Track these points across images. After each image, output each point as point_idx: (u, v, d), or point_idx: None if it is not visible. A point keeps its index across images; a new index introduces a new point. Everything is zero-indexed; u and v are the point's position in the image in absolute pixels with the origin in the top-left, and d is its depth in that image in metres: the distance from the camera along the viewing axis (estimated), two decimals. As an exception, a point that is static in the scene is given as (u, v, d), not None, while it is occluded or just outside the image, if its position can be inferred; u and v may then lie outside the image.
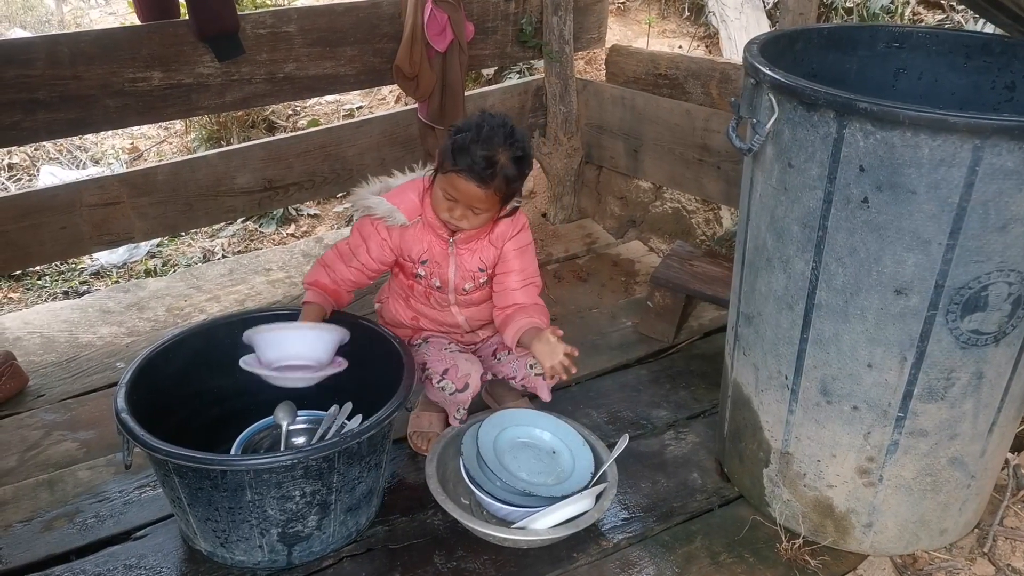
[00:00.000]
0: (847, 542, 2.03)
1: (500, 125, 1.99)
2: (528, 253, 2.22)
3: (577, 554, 2.02)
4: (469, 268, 2.18)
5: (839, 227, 1.71)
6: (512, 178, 2.00)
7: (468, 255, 2.17)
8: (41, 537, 2.05)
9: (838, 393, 1.87)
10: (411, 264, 2.17)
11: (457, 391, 2.13)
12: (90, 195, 2.70)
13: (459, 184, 1.98)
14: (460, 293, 2.22)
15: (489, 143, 1.95)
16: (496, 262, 2.19)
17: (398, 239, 2.14)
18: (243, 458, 1.78)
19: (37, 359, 2.73)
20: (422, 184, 2.14)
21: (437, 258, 2.16)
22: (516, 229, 2.19)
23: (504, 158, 1.96)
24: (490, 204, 2.02)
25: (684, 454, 2.36)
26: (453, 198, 2.01)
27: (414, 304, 2.27)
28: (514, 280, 2.19)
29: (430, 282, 2.20)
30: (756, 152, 1.84)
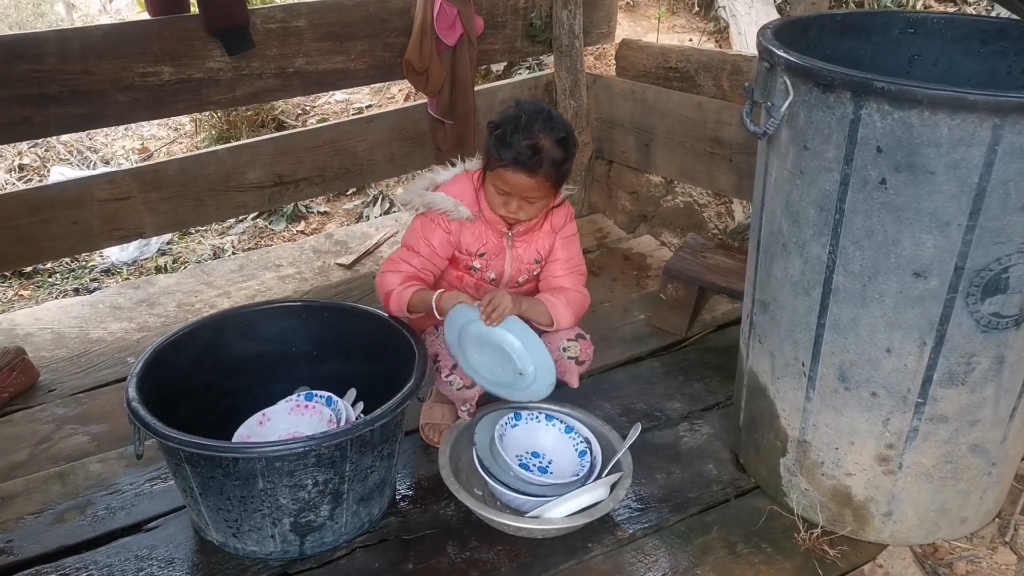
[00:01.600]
0: (866, 532, 2.00)
1: (537, 111, 1.99)
2: (574, 243, 2.23)
3: (592, 544, 2.00)
4: (526, 260, 2.18)
5: (856, 209, 1.69)
6: (559, 161, 1.98)
7: (524, 247, 2.17)
8: (52, 529, 2.03)
9: (856, 379, 1.84)
10: (467, 257, 2.16)
11: (464, 387, 2.12)
12: (101, 190, 2.70)
13: (508, 178, 1.97)
14: (512, 286, 2.22)
15: (529, 130, 1.95)
16: (550, 252, 2.20)
17: (458, 232, 2.13)
18: (255, 445, 1.77)
19: (48, 354, 2.72)
20: (469, 178, 2.14)
21: (494, 251, 2.16)
22: (567, 218, 2.21)
23: (547, 143, 1.95)
24: (543, 191, 2.02)
25: (699, 445, 2.34)
26: (506, 192, 2.01)
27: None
28: (559, 268, 2.20)
29: (484, 275, 2.19)
30: (771, 136, 1.83)
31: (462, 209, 2.09)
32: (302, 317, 2.26)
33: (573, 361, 2.18)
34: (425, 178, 2.18)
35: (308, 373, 2.26)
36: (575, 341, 2.19)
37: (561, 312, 2.13)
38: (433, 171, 2.22)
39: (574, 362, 2.18)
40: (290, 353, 2.27)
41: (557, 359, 2.18)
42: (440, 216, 2.10)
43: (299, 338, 2.26)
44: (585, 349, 2.19)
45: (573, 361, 2.18)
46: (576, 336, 2.20)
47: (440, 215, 2.10)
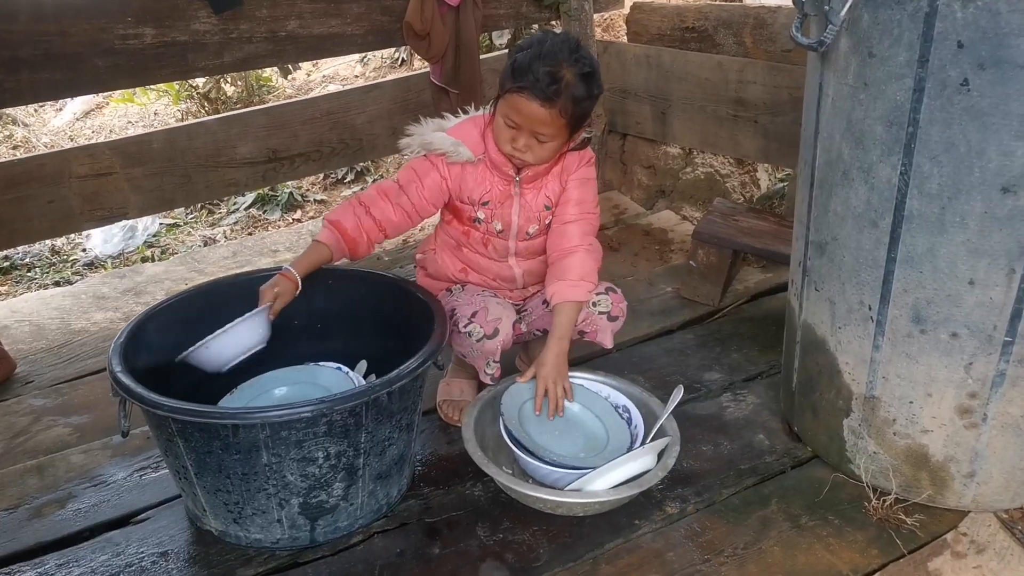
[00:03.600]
0: (945, 497, 1.79)
1: (564, 40, 1.80)
2: (589, 186, 1.99)
3: (639, 521, 1.79)
4: (535, 208, 1.96)
5: (933, 119, 1.50)
6: (579, 98, 1.78)
7: (533, 193, 1.95)
8: (29, 525, 1.81)
9: (933, 319, 1.64)
10: (470, 207, 1.95)
11: (486, 337, 1.89)
12: (80, 165, 2.49)
13: (521, 105, 1.76)
14: (522, 238, 1.99)
15: (553, 58, 1.74)
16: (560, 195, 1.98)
17: (458, 178, 1.92)
18: (257, 410, 1.55)
19: (26, 347, 2.50)
20: (482, 120, 1.93)
21: (500, 198, 1.94)
22: (583, 162, 1.98)
23: (570, 74, 1.75)
24: (556, 129, 1.80)
25: (745, 416, 2.13)
26: (515, 124, 1.80)
27: (467, 254, 2.04)
28: (571, 211, 1.96)
29: (490, 226, 1.97)
30: (827, 49, 1.63)
31: (462, 150, 1.89)
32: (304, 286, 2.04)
33: (605, 316, 1.97)
34: (432, 122, 1.98)
35: (312, 350, 2.04)
36: (605, 294, 1.98)
37: (578, 290, 1.90)
38: (445, 117, 2.01)
39: (606, 317, 1.97)
40: (291, 327, 2.05)
41: (586, 316, 1.97)
42: (439, 158, 1.91)
43: (301, 310, 2.04)
44: (617, 303, 1.98)
45: (605, 316, 1.97)
46: (606, 289, 1.99)
47: (439, 157, 1.90)
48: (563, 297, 1.90)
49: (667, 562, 1.69)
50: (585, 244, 1.94)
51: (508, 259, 2.02)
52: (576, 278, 1.91)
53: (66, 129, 4.79)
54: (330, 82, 4.80)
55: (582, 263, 1.93)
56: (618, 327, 2.01)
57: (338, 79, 4.82)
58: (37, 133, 4.61)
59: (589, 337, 2.01)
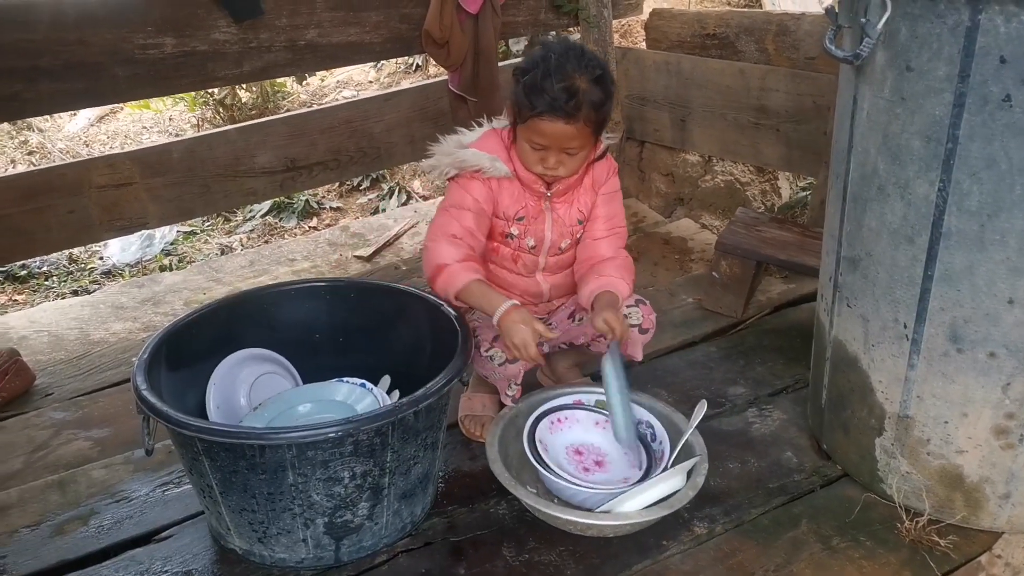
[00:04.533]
0: (979, 518, 1.75)
1: (567, 48, 1.76)
2: (616, 200, 1.99)
3: (667, 542, 1.76)
4: (568, 222, 1.94)
5: (974, 135, 1.47)
6: (598, 102, 1.75)
7: (565, 207, 1.93)
8: (51, 542, 1.79)
9: (971, 338, 1.60)
10: (504, 223, 1.93)
11: (507, 361, 1.87)
12: (99, 175, 2.48)
13: (545, 128, 1.74)
14: (554, 253, 1.98)
15: (562, 71, 1.71)
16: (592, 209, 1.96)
17: (496, 192, 1.90)
18: (284, 430, 1.52)
19: (44, 358, 2.49)
20: (505, 134, 1.89)
21: (533, 214, 1.92)
22: (610, 173, 1.97)
23: (584, 83, 1.72)
24: (583, 139, 1.78)
25: (772, 432, 2.09)
26: (542, 146, 1.77)
27: (493, 269, 2.01)
28: (600, 228, 1.96)
29: (523, 242, 1.95)
30: (863, 62, 1.60)
31: (499, 165, 1.85)
32: (326, 299, 2.03)
33: (636, 329, 1.94)
34: (451, 140, 1.94)
35: (334, 363, 2.02)
36: (635, 307, 1.96)
37: (621, 286, 1.90)
38: (459, 132, 1.98)
39: (637, 330, 1.94)
40: (313, 341, 2.04)
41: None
42: (469, 181, 1.87)
43: (323, 324, 2.03)
44: (648, 315, 1.96)
45: (636, 329, 1.94)
46: (636, 302, 1.96)
47: (470, 177, 1.86)
48: (603, 287, 1.87)
49: (696, 585, 1.66)
50: (619, 256, 1.95)
51: (536, 275, 2.00)
52: (616, 275, 1.90)
53: (81, 135, 4.79)
54: (344, 87, 4.79)
55: (617, 267, 1.93)
56: (648, 339, 1.99)
57: (352, 84, 4.80)
58: (52, 139, 4.61)
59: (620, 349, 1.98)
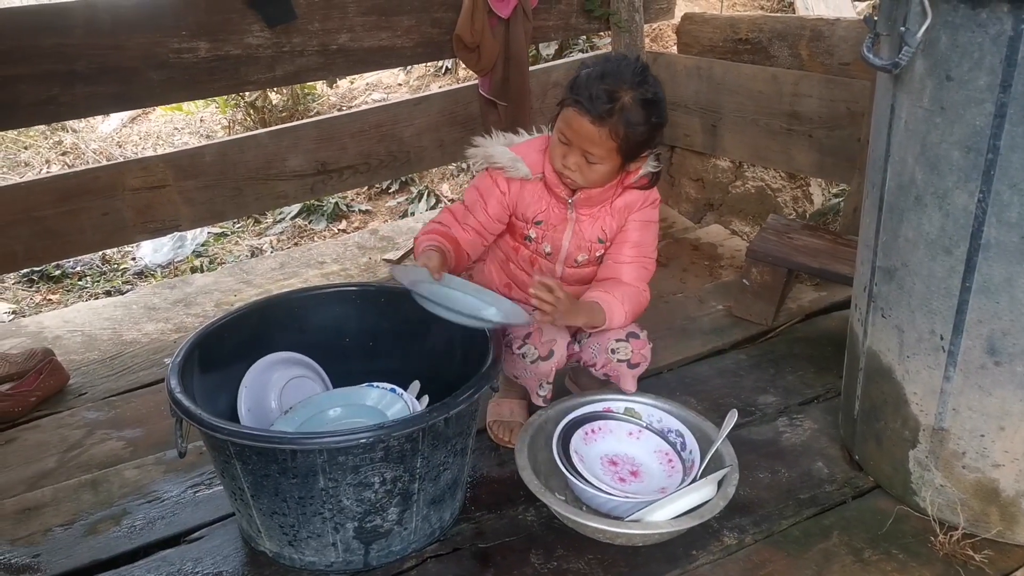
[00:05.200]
0: (1015, 533, 1.73)
1: (633, 63, 1.77)
2: (650, 229, 1.95)
3: (696, 552, 1.74)
4: (588, 237, 1.93)
5: (1015, 146, 1.44)
6: (635, 123, 1.73)
7: (589, 222, 1.92)
8: (84, 542, 1.81)
9: (1009, 351, 1.58)
10: (523, 224, 1.94)
11: (540, 358, 1.86)
12: (133, 177, 2.50)
13: (572, 120, 1.74)
14: (570, 264, 1.96)
15: (615, 78, 1.71)
16: (617, 233, 1.94)
17: (516, 194, 1.91)
18: (315, 435, 1.53)
19: (78, 357, 2.52)
20: (546, 141, 1.92)
21: (553, 220, 1.92)
22: (646, 203, 1.94)
23: (628, 97, 1.71)
24: (606, 151, 1.76)
25: (803, 441, 2.07)
26: (567, 140, 1.77)
27: (512, 270, 2.02)
28: (626, 253, 1.92)
29: (539, 247, 1.95)
30: (902, 71, 1.58)
31: (520, 166, 1.87)
32: (356, 303, 2.04)
33: (624, 364, 1.92)
34: (502, 136, 1.98)
35: (364, 367, 2.03)
36: (625, 341, 1.91)
37: (616, 310, 1.84)
38: (519, 133, 2.01)
39: (626, 365, 1.92)
40: (343, 345, 2.04)
41: (605, 363, 1.93)
42: (498, 173, 1.90)
43: (353, 327, 2.04)
44: (638, 350, 1.92)
45: (624, 364, 1.92)
46: (627, 336, 1.92)
47: (498, 172, 1.90)
48: (603, 300, 1.84)
49: (726, 596, 1.65)
50: (638, 286, 1.91)
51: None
52: (621, 300, 1.86)
53: (114, 135, 4.85)
54: (374, 90, 4.81)
55: (632, 295, 1.88)
56: (640, 372, 1.95)
57: (381, 87, 4.82)
58: (86, 139, 4.67)
59: (612, 380, 1.97)
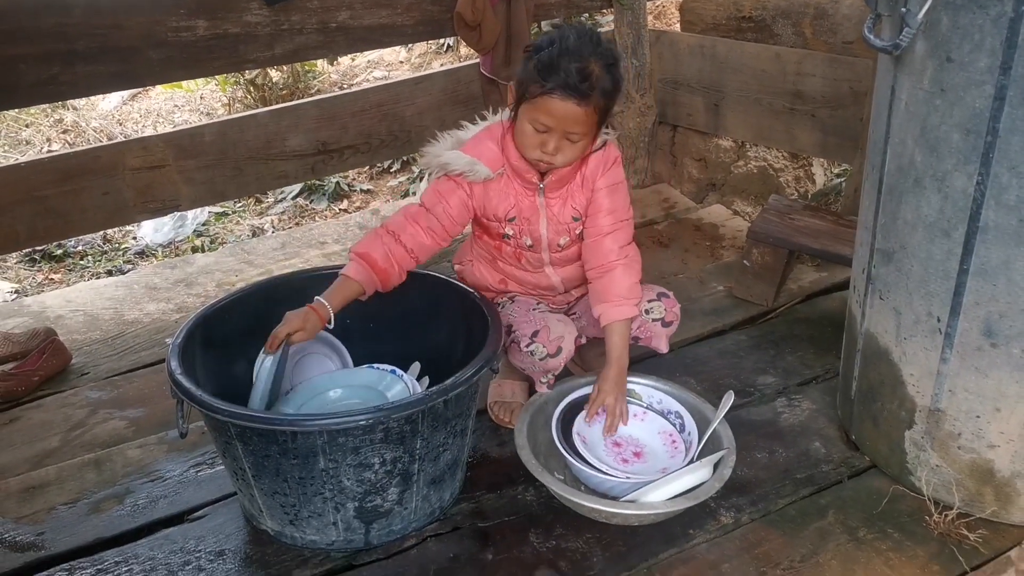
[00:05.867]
0: (1010, 513, 1.74)
1: (584, 32, 1.73)
2: (620, 191, 1.93)
3: (694, 531, 1.76)
4: (562, 220, 1.91)
5: (1014, 129, 1.44)
6: (608, 91, 1.72)
7: (559, 204, 1.90)
8: (88, 520, 1.83)
9: (1006, 334, 1.58)
10: (497, 224, 1.91)
11: (549, 356, 1.86)
12: (133, 157, 2.50)
13: (553, 107, 1.70)
14: (554, 250, 1.96)
15: (579, 53, 1.68)
16: (589, 206, 1.93)
17: (481, 196, 1.88)
18: (315, 417, 1.54)
19: (80, 337, 2.53)
20: (499, 130, 1.87)
21: (526, 213, 1.89)
22: (608, 165, 1.91)
23: (598, 68, 1.69)
24: (588, 127, 1.75)
25: (801, 422, 2.09)
26: (545, 129, 1.73)
27: (502, 266, 2.01)
28: (604, 222, 1.90)
29: (520, 242, 1.93)
30: (902, 52, 1.57)
31: (479, 168, 1.82)
32: (357, 285, 2.03)
33: (659, 323, 1.94)
34: (450, 137, 1.92)
35: (365, 351, 2.04)
36: (657, 301, 1.95)
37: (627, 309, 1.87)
38: (462, 127, 1.96)
39: (660, 323, 1.94)
40: (344, 327, 2.04)
41: (641, 324, 1.94)
42: (459, 177, 1.85)
43: (354, 310, 2.01)
44: (671, 308, 1.95)
45: (659, 323, 1.94)
46: (658, 295, 1.95)
47: (458, 176, 1.85)
48: (611, 318, 1.87)
49: (722, 574, 1.66)
50: (622, 258, 1.90)
51: (544, 268, 1.98)
52: (619, 297, 1.87)
53: (114, 113, 4.84)
54: (375, 67, 4.79)
55: (622, 279, 1.89)
56: (672, 331, 1.97)
57: (383, 64, 4.80)
58: (86, 117, 4.66)
59: (643, 342, 1.98)
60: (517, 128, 1.79)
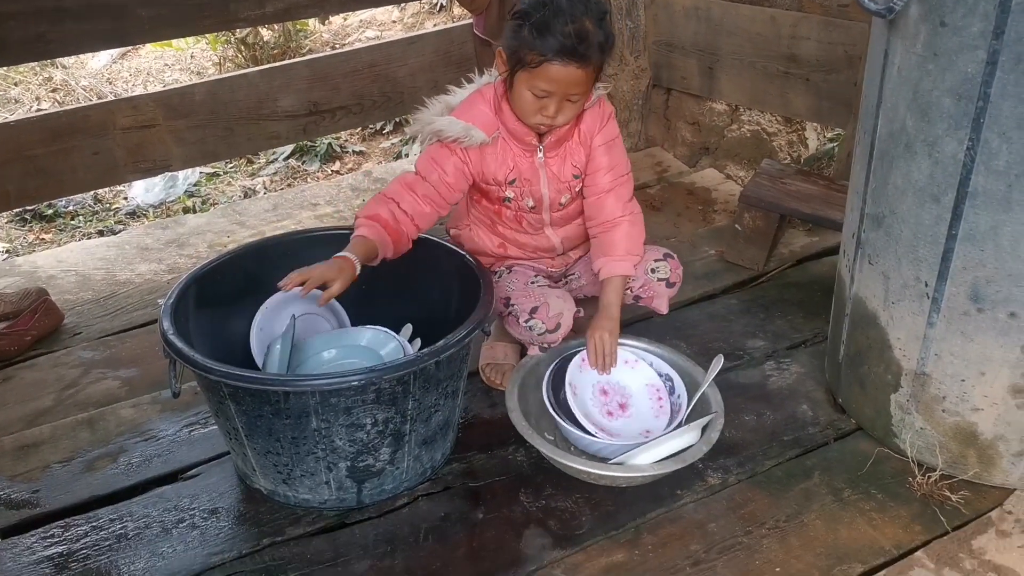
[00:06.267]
0: (992, 475, 1.77)
1: None
2: (616, 147, 1.93)
3: (681, 491, 1.79)
4: (563, 178, 1.91)
5: (1005, 94, 1.44)
6: (604, 46, 1.71)
7: (559, 163, 1.89)
8: (82, 478, 1.85)
9: (992, 299, 1.60)
10: (496, 188, 1.90)
11: (547, 331, 1.86)
12: (124, 116, 2.49)
13: (554, 73, 1.68)
14: (555, 209, 1.96)
15: (572, 13, 1.66)
16: (588, 163, 1.93)
17: (478, 161, 1.86)
18: (308, 378, 1.56)
19: (72, 297, 2.53)
20: (491, 92, 1.85)
21: (526, 175, 1.89)
22: (603, 121, 1.90)
23: (592, 25, 1.68)
24: (587, 85, 1.75)
25: (789, 385, 2.11)
26: (546, 93, 1.72)
27: (501, 231, 2.01)
28: (604, 180, 1.91)
29: (521, 204, 1.93)
30: (896, 16, 1.57)
31: (474, 133, 1.80)
32: (349, 246, 2.04)
33: (664, 283, 1.95)
34: (438, 103, 1.90)
35: (358, 311, 2.05)
36: (663, 261, 1.96)
37: (628, 265, 1.90)
38: (448, 91, 1.93)
39: (664, 284, 1.95)
40: (336, 288, 2.05)
41: (645, 282, 1.95)
42: (453, 144, 1.83)
43: (346, 271, 2.04)
44: (675, 269, 1.97)
45: (664, 283, 1.95)
46: (664, 255, 1.97)
47: (452, 143, 1.83)
48: (611, 271, 1.89)
49: (709, 533, 1.70)
50: (627, 215, 1.92)
51: (544, 230, 1.99)
52: (623, 253, 1.90)
53: (104, 72, 4.79)
54: (367, 27, 4.74)
55: (627, 236, 1.91)
56: (674, 293, 1.99)
57: (375, 24, 4.75)
58: (76, 76, 4.61)
59: (645, 302, 1.99)
60: (515, 95, 1.77)
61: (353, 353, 1.90)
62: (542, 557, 1.64)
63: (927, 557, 1.64)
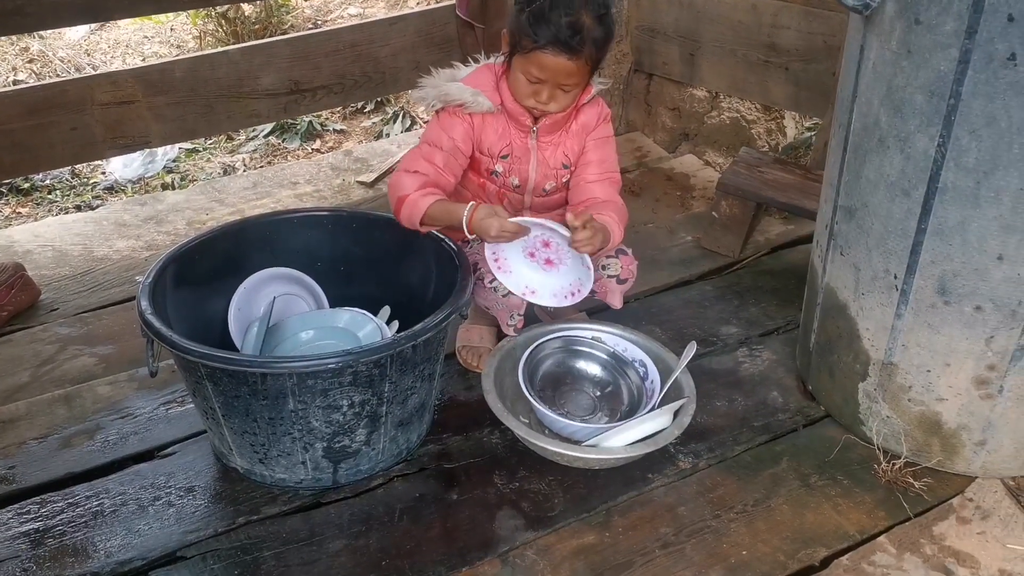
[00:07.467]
0: (954, 463, 1.82)
1: None
2: (608, 145, 1.98)
3: (652, 475, 1.83)
4: (552, 164, 1.94)
5: (976, 92, 1.47)
6: (600, 42, 1.74)
7: (551, 149, 1.93)
8: (59, 455, 1.86)
9: (959, 292, 1.64)
10: (488, 159, 1.93)
11: (510, 293, 1.89)
12: (102, 92, 2.47)
13: (546, 61, 1.73)
14: (538, 194, 1.98)
15: (570, 5, 1.69)
16: (580, 156, 1.96)
17: (479, 128, 1.90)
18: (285, 359, 1.57)
19: (49, 272, 2.51)
20: (494, 71, 1.89)
21: (518, 153, 1.92)
22: (601, 119, 1.95)
23: (589, 20, 1.71)
24: (581, 77, 1.78)
25: (761, 372, 2.15)
26: (538, 80, 1.77)
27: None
28: (592, 173, 1.95)
29: (507, 180, 1.95)
30: (872, 12, 1.59)
31: (481, 99, 1.85)
32: (328, 228, 2.05)
33: (614, 280, 1.96)
34: (444, 73, 1.93)
35: (336, 293, 2.07)
36: (615, 258, 1.96)
37: (615, 230, 1.89)
38: (454, 66, 1.97)
39: (615, 280, 1.96)
40: (315, 270, 2.07)
41: (597, 279, 1.97)
42: (458, 109, 1.87)
43: (326, 253, 2.06)
44: (627, 265, 1.97)
45: (614, 280, 1.96)
46: (616, 252, 1.97)
47: (458, 107, 1.87)
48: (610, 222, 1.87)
49: (678, 516, 1.73)
50: (615, 201, 1.94)
51: (523, 212, 2.01)
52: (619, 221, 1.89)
53: (82, 43, 4.72)
54: (350, 3, 4.70)
55: (622, 212, 1.93)
56: (627, 288, 2.00)
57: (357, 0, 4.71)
58: (53, 47, 4.54)
59: (599, 296, 2.02)
60: (511, 76, 1.83)
61: (331, 335, 1.92)
62: (514, 538, 1.68)
63: (889, 542, 1.69)
